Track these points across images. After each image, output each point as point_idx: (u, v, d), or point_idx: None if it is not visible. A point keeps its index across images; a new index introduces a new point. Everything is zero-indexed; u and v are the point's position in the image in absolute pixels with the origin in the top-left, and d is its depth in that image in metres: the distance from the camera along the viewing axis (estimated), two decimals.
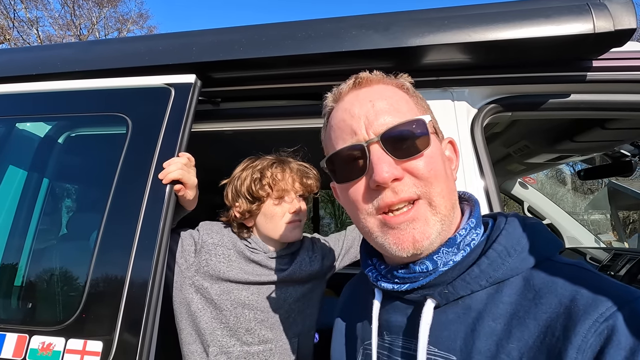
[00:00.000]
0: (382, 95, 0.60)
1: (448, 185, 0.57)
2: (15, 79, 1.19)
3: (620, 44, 0.96)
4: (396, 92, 0.62)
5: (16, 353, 0.90)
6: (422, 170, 0.55)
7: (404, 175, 0.55)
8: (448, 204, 0.56)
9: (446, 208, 0.56)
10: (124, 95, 1.11)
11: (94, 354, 0.86)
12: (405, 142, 0.56)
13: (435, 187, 0.55)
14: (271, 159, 1.20)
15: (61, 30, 16.83)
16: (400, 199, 0.55)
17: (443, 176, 0.57)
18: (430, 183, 0.55)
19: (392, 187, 0.55)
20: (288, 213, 1.15)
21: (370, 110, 0.58)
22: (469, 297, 0.53)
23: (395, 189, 0.55)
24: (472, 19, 0.99)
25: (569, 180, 10.91)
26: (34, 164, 1.20)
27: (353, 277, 0.84)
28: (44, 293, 1.00)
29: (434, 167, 0.56)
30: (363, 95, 0.61)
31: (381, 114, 0.57)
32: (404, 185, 0.55)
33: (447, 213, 0.56)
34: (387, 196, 0.55)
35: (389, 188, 0.55)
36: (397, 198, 0.55)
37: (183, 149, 1.03)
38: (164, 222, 0.95)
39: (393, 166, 0.55)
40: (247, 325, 1.10)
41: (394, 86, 0.64)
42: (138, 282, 0.90)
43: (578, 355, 0.41)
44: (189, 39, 1.12)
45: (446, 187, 0.57)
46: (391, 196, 0.55)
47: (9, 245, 1.10)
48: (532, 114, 1.16)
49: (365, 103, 0.59)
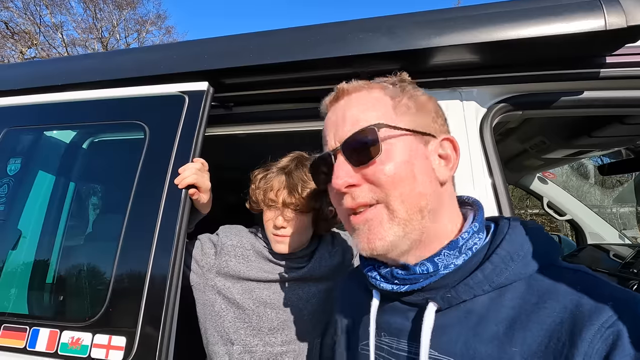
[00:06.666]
0: (352, 105, 0.62)
1: (414, 189, 0.56)
2: (42, 90, 1.27)
3: (634, 39, 0.94)
4: (370, 99, 0.62)
5: (49, 346, 0.97)
6: (374, 177, 0.57)
7: (362, 182, 0.58)
8: (411, 208, 0.56)
9: (407, 212, 0.56)
10: (141, 104, 1.16)
11: (118, 348, 0.92)
12: (359, 150, 0.58)
13: (392, 192, 0.56)
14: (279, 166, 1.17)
15: (84, 34, 17.39)
16: (358, 203, 0.58)
17: (406, 180, 0.56)
18: (387, 189, 0.56)
19: (350, 192, 0.59)
20: (272, 225, 1.12)
21: (339, 120, 0.62)
22: (470, 301, 0.54)
23: (352, 195, 0.59)
24: (480, 18, 0.98)
25: (595, 173, 10.49)
26: (61, 170, 1.28)
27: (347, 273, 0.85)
28: (73, 291, 1.08)
29: (392, 172, 0.56)
30: (339, 107, 0.64)
31: (346, 123, 0.61)
32: (360, 192, 0.58)
33: (408, 217, 0.56)
34: (347, 201, 0.60)
35: (348, 194, 0.59)
36: (354, 203, 0.59)
37: (197, 154, 1.07)
38: (181, 224, 1.00)
39: (349, 174, 0.59)
40: (269, 324, 1.11)
41: (374, 90, 0.63)
42: (157, 280, 0.95)
43: None
44: (200, 48, 1.15)
45: (409, 190, 0.56)
46: (350, 201, 0.59)
47: (41, 246, 1.18)
48: (543, 112, 1.14)
49: (338, 114, 0.63)
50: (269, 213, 1.13)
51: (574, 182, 10.11)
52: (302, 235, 1.13)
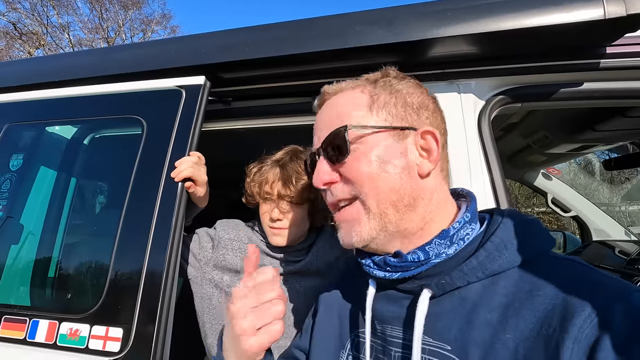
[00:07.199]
0: (332, 108, 0.67)
1: (385, 184, 0.59)
2: (41, 86, 1.28)
3: (634, 29, 0.92)
4: (347, 100, 0.65)
5: (48, 337, 0.98)
6: (347, 174, 0.62)
7: (338, 179, 0.63)
8: (383, 203, 0.59)
9: (380, 207, 0.59)
10: (139, 98, 1.17)
11: (116, 340, 0.93)
12: (333, 150, 0.63)
13: (364, 189, 0.60)
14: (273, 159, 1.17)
15: (90, 34, 17.55)
16: (336, 199, 0.64)
17: (375, 177, 0.59)
18: (359, 185, 0.60)
19: (330, 189, 0.64)
20: (268, 218, 1.12)
21: (321, 122, 0.67)
22: (464, 288, 0.54)
23: (332, 191, 0.64)
24: (477, 9, 0.97)
25: (603, 170, 10.35)
26: (62, 164, 1.29)
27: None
28: (71, 283, 1.09)
29: (360, 169, 0.60)
30: (323, 109, 0.69)
31: (324, 126, 0.65)
32: (337, 189, 0.64)
33: (381, 212, 0.59)
34: (328, 197, 0.66)
35: (328, 190, 0.65)
36: (333, 199, 0.64)
37: (194, 147, 1.08)
38: (177, 217, 1.00)
39: (327, 172, 0.64)
40: None
41: (357, 90, 0.66)
42: (153, 273, 0.96)
43: (574, 345, 0.42)
44: (198, 42, 1.16)
45: (381, 186, 0.59)
46: (330, 197, 0.65)
47: (41, 240, 1.19)
48: (543, 104, 1.13)
49: (321, 116, 0.69)
50: (265, 206, 1.13)
51: (582, 179, 9.99)
52: (298, 227, 1.13)
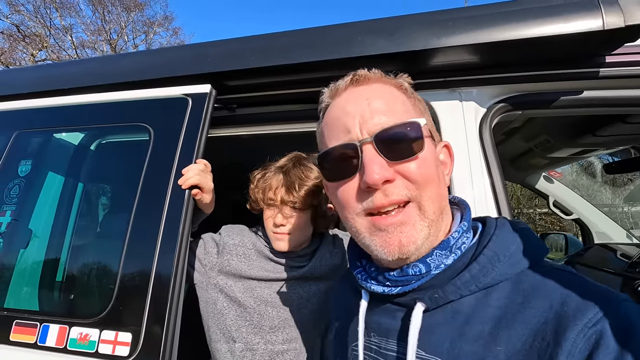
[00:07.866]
0: (379, 95, 0.59)
1: (439, 190, 0.58)
2: (50, 93, 1.31)
3: (633, 39, 0.94)
4: (393, 92, 0.61)
5: (59, 342, 1.00)
6: (414, 173, 0.55)
7: (396, 177, 0.55)
8: (437, 209, 0.57)
9: (434, 213, 0.56)
10: (146, 106, 1.19)
11: (125, 344, 0.95)
12: (399, 144, 0.55)
13: (426, 191, 0.55)
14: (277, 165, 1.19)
15: (93, 36, 17.65)
16: (391, 201, 0.55)
17: (435, 180, 0.57)
18: (421, 187, 0.55)
19: (383, 189, 0.55)
20: (271, 223, 1.14)
21: (365, 108, 0.57)
22: (457, 301, 0.53)
23: (386, 191, 0.55)
24: (478, 19, 0.99)
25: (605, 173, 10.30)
26: (70, 170, 1.31)
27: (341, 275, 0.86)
28: (81, 289, 1.11)
29: (427, 170, 0.56)
30: (359, 93, 0.60)
31: (376, 113, 0.57)
32: (395, 188, 0.55)
33: (435, 218, 0.56)
34: (378, 198, 0.55)
35: (380, 190, 0.55)
36: (387, 200, 0.55)
37: (200, 155, 1.10)
38: (184, 223, 1.02)
39: (385, 168, 0.54)
40: (270, 323, 1.12)
41: (392, 86, 0.63)
42: (162, 278, 0.98)
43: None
44: (203, 51, 1.18)
45: (437, 191, 0.57)
46: (381, 198, 0.55)
47: (50, 245, 1.21)
48: (543, 112, 1.14)
49: (361, 101, 0.58)
50: (269, 211, 1.15)
51: (584, 181, 9.96)
52: (301, 232, 1.15)
